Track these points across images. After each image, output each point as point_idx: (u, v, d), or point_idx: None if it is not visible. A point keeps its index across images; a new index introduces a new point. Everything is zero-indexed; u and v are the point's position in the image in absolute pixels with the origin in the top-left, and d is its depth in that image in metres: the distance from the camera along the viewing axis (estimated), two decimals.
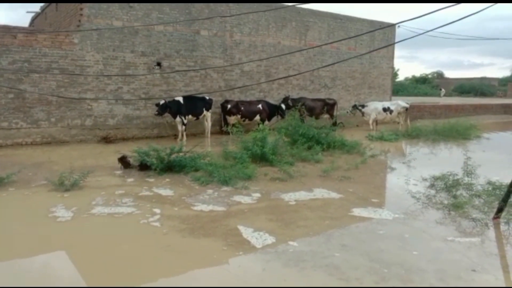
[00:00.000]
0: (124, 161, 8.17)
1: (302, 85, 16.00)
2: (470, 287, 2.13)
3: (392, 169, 9.10)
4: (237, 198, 6.35)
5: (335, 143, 10.64)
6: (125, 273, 3.86)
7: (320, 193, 6.77)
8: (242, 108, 13.42)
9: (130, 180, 7.42)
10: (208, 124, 13.11)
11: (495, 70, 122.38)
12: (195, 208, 5.84)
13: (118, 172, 8.01)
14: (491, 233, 5.07)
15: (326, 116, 15.27)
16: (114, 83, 12.06)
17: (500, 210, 5.39)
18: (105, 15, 11.61)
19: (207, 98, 13.01)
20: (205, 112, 12.93)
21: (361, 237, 4.78)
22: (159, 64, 12.67)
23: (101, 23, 11.55)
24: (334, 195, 6.69)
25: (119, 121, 12.30)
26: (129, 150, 8.66)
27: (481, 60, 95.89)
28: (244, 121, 13.32)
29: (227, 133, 12.12)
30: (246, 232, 4.82)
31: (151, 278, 3.77)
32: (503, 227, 5.23)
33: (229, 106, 13.33)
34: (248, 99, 14.17)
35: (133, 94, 12.34)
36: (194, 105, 12.63)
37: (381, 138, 12.94)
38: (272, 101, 14.43)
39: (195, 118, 12.79)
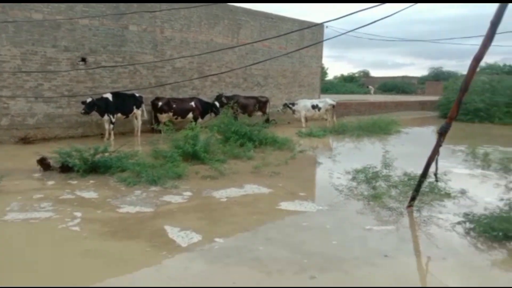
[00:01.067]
0: (43, 163, 7.65)
1: (235, 83, 16.09)
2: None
3: (319, 163, 9.49)
4: (166, 198, 6.24)
5: (267, 140, 10.86)
6: (35, 283, 3.61)
7: (251, 189, 6.88)
8: (174, 105, 13.19)
9: (50, 183, 6.98)
10: (138, 122, 12.71)
11: (415, 69, 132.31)
12: (121, 210, 5.64)
13: (37, 175, 7.49)
14: (405, 220, 5.48)
15: (259, 113, 15.50)
16: (34, 79, 11.23)
17: (413, 199, 5.85)
18: (23, 7, 10.76)
19: (137, 95, 12.60)
20: (135, 110, 12.52)
21: (285, 230, 4.93)
22: (83, 59, 12.01)
23: (19, 15, 10.69)
24: (264, 190, 6.83)
25: (39, 120, 11.48)
26: (50, 151, 8.13)
27: (403, 60, 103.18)
28: (176, 119, 13.10)
29: (158, 131, 11.85)
30: (172, 232, 4.76)
31: (64, 285, 3.57)
32: (415, 214, 5.69)
33: (160, 103, 13.02)
34: (180, 97, 13.95)
35: (55, 91, 11.58)
36: (124, 102, 12.16)
37: (310, 135, 13.42)
38: (205, 99, 14.34)
39: (124, 116, 12.33)
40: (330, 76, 56.68)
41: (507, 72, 36.24)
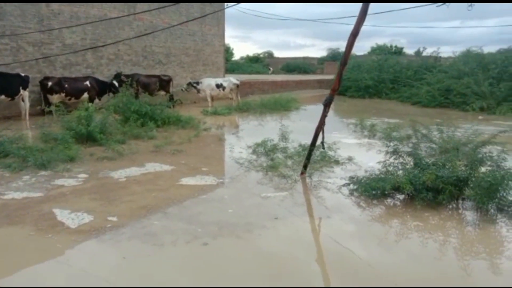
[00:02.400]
0: None
1: (134, 61, 15.38)
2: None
3: (223, 140, 9.65)
4: (59, 181, 5.85)
5: (170, 119, 10.67)
6: None
7: (153, 167, 6.76)
8: (66, 85, 12.19)
9: None
10: (25, 104, 11.53)
11: (315, 50, 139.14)
12: (4, 197, 5.16)
13: None
14: (298, 186, 5.88)
15: (162, 93, 15.09)
16: None
17: (305, 167, 6.29)
18: None
19: (23, 75, 11.39)
20: (21, 91, 11.32)
21: (183, 204, 4.98)
22: None
23: None
24: (166, 167, 6.76)
25: None
26: None
27: (305, 42, 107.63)
28: (69, 99, 12.16)
29: (50, 113, 10.91)
30: (62, 215, 4.50)
31: None
32: (307, 180, 6.14)
33: (50, 83, 11.93)
34: (73, 76, 12.94)
35: None
36: (8, 83, 10.90)
37: (215, 113, 13.50)
38: (102, 78, 13.50)
39: (9, 98, 11.09)
40: (236, 56, 57.10)
41: (394, 52, 40.01)
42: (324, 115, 5.76)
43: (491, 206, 4.91)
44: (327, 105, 5.66)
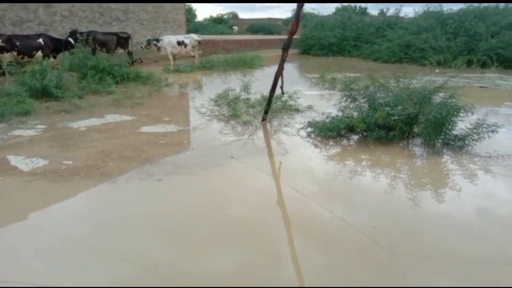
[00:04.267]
0: None
1: (90, 17, 14.68)
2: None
3: (185, 94, 9.57)
4: (16, 132, 5.71)
5: (129, 75, 10.41)
6: None
7: (113, 118, 6.68)
8: (18, 43, 11.54)
9: None
10: None
11: (281, 12, 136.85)
12: None
13: None
14: (258, 132, 6.00)
15: (120, 51, 14.57)
16: None
17: (265, 113, 6.40)
18: None
19: None
20: None
21: (141, 148, 5.01)
22: None
23: None
24: (127, 118, 6.71)
25: None
26: None
27: (270, 4, 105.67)
28: (22, 58, 11.55)
29: (3, 75, 10.38)
30: (16, 160, 4.45)
31: None
32: (268, 126, 6.26)
33: None
34: (25, 33, 12.24)
35: None
36: None
37: (177, 70, 13.27)
38: (56, 35, 12.85)
39: None
40: (199, 18, 55.34)
41: (360, 13, 39.93)
42: (282, 59, 5.82)
43: (438, 141, 5.23)
44: (285, 49, 5.72)
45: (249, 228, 3.20)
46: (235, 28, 40.69)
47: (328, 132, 5.53)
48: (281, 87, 6.36)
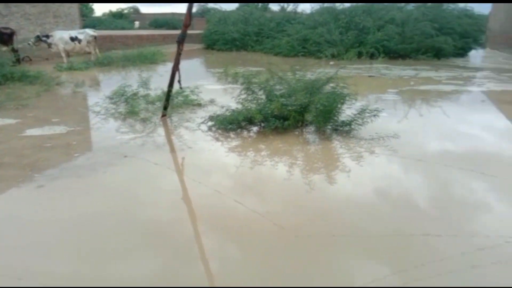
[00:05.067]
0: None
1: None
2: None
3: (78, 92, 8.96)
4: None
5: (14, 75, 9.43)
6: None
7: None
8: None
9: None
10: None
11: (184, 6, 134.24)
12: None
13: None
14: (159, 128, 5.87)
15: (3, 48, 13.13)
16: None
17: (165, 108, 6.27)
18: None
19: None
20: None
21: (22, 153, 4.61)
22: None
23: None
24: (10, 121, 6.09)
25: None
26: None
27: None
28: None
29: None
30: None
31: None
32: (168, 122, 6.15)
33: None
34: None
35: None
36: None
37: (70, 68, 12.36)
38: None
39: None
40: (98, 12, 52.11)
41: (260, 8, 40.89)
42: (178, 53, 5.74)
43: (327, 128, 5.62)
44: (180, 42, 5.65)
45: (142, 227, 3.12)
46: (137, 23, 39.14)
47: (228, 125, 5.62)
48: (179, 82, 6.28)
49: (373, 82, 11.03)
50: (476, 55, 18.79)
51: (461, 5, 18.91)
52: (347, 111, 5.78)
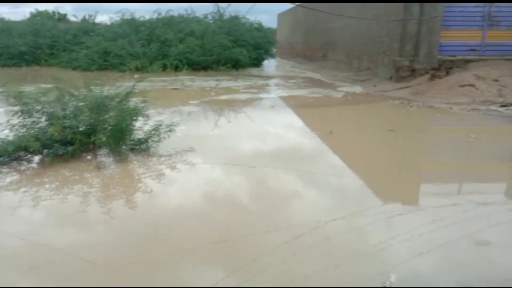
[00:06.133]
0: None
1: None
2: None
3: None
4: None
5: None
6: None
7: None
8: None
9: None
10: None
11: None
12: None
13: None
14: None
15: None
16: None
17: None
18: None
19: None
20: None
21: None
22: None
23: None
24: None
25: None
26: None
27: None
28: None
29: None
30: None
31: None
32: None
33: None
34: None
35: None
36: None
37: None
38: None
39: None
40: None
41: (59, 19, 36.90)
42: None
43: (123, 148, 5.26)
44: None
45: None
46: None
47: None
48: None
49: (176, 95, 11.12)
50: (269, 65, 21.12)
51: (251, 19, 20.96)
52: (145, 128, 5.53)
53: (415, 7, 10.52)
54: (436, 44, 10.77)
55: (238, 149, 5.95)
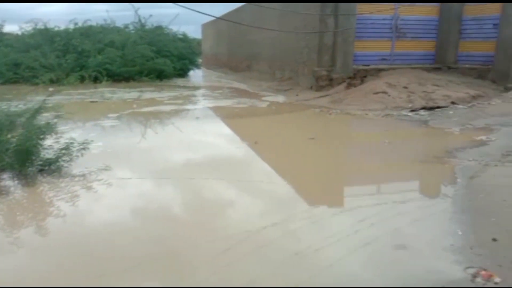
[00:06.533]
0: None
1: None
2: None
3: None
4: None
5: None
6: None
7: None
8: None
9: None
10: None
11: None
12: None
13: None
14: None
15: None
16: None
17: None
18: None
19: None
20: None
21: None
22: None
23: None
24: None
25: None
26: None
27: None
28: None
29: None
30: None
31: None
32: None
33: None
34: None
35: None
36: None
37: None
38: None
39: None
40: None
41: None
42: None
43: (30, 170, 4.79)
44: None
45: None
46: None
47: None
48: None
49: (95, 108, 10.53)
50: (195, 75, 20.91)
51: (174, 30, 20.59)
52: (56, 146, 5.09)
53: (330, 19, 11.06)
54: (350, 55, 11.40)
55: (165, 162, 5.76)
